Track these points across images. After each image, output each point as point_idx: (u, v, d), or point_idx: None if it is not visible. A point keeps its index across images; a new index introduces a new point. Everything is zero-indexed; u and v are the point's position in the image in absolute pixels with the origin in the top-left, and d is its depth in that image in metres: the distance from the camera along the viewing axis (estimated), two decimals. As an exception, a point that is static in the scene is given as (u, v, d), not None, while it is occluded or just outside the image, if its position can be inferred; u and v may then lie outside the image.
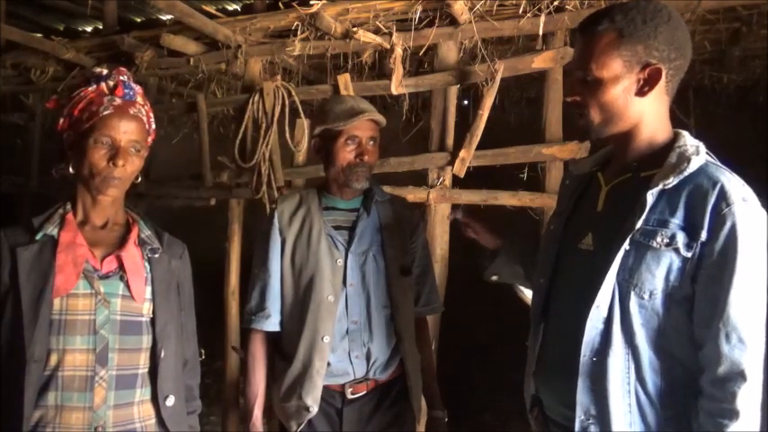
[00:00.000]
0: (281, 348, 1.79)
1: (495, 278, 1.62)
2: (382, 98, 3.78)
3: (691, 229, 1.10)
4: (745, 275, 1.06)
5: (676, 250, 1.10)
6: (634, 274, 1.13)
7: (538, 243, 2.52)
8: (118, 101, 1.35)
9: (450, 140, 2.76)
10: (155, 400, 1.39)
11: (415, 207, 2.17)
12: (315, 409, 1.68)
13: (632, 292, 1.13)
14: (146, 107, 1.42)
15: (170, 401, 1.41)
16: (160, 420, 1.40)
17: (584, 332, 1.16)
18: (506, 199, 2.66)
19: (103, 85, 1.36)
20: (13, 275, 1.28)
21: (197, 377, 1.57)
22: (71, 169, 1.37)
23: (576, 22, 2.46)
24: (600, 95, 1.18)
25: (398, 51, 2.73)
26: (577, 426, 1.17)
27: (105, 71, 1.39)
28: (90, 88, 1.35)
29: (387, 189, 1.92)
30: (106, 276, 1.35)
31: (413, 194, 2.69)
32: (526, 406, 1.40)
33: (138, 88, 1.41)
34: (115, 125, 1.33)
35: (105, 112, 1.33)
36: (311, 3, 2.85)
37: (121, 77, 1.38)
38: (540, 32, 2.53)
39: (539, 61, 2.58)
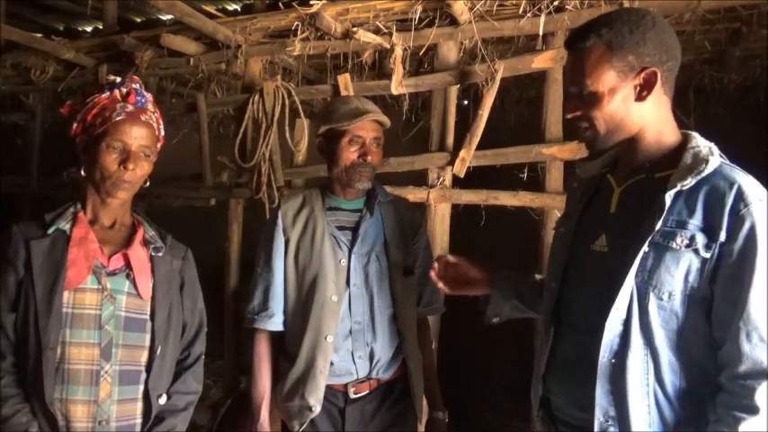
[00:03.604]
0: (284, 348, 1.79)
1: (496, 320, 1.59)
2: (382, 98, 3.78)
3: (709, 230, 1.10)
4: (765, 275, 1.06)
5: (696, 251, 1.10)
6: (653, 276, 1.13)
7: (528, 269, 2.50)
8: (130, 107, 1.40)
9: (450, 140, 2.76)
10: (146, 397, 1.41)
11: (416, 207, 2.17)
12: (318, 409, 1.68)
13: (651, 294, 1.13)
14: (156, 114, 1.47)
15: (162, 400, 1.43)
16: (152, 417, 1.42)
17: (602, 334, 1.16)
18: (506, 199, 2.66)
19: (116, 92, 1.41)
20: (27, 267, 1.33)
21: (199, 381, 1.56)
22: (82, 172, 1.43)
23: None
24: (600, 108, 1.18)
25: (398, 51, 2.74)
26: (597, 427, 1.17)
27: (119, 79, 1.44)
28: (103, 95, 1.40)
29: (387, 189, 1.92)
30: (113, 273, 1.40)
31: (413, 194, 2.69)
32: (533, 408, 1.39)
33: (149, 96, 1.46)
34: (127, 130, 1.38)
35: (118, 118, 1.38)
36: (311, 3, 2.85)
37: (134, 85, 1.43)
38: (540, 32, 2.53)
39: (539, 61, 2.58)
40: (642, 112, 1.19)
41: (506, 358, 4.21)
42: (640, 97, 1.18)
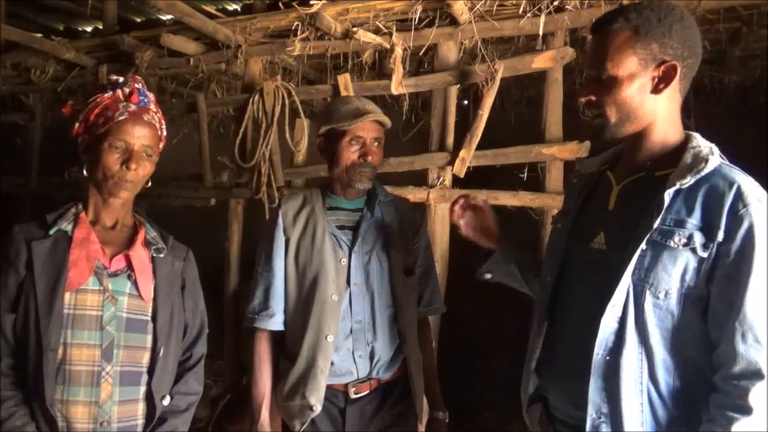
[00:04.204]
0: (285, 347, 1.79)
1: (488, 276, 1.59)
2: (382, 98, 3.78)
3: (707, 229, 1.11)
4: (762, 275, 1.06)
5: (693, 250, 1.11)
6: (650, 274, 1.13)
7: (536, 246, 2.49)
8: (133, 107, 1.40)
9: (450, 140, 2.76)
10: (149, 398, 1.41)
11: (416, 207, 2.17)
12: (318, 409, 1.68)
13: (648, 292, 1.14)
14: (158, 114, 1.47)
15: (166, 401, 1.43)
16: (155, 418, 1.42)
17: (597, 331, 1.16)
18: (506, 199, 2.66)
19: (119, 91, 1.41)
20: (28, 267, 1.33)
21: (200, 382, 1.56)
22: (84, 172, 1.42)
23: (576, 22, 2.47)
24: (616, 94, 1.18)
25: (398, 51, 2.74)
26: (589, 424, 1.17)
27: (122, 79, 1.44)
28: (106, 95, 1.40)
29: (387, 189, 1.92)
30: (115, 274, 1.39)
31: (413, 194, 2.70)
32: (522, 403, 1.39)
33: (151, 96, 1.46)
34: (129, 130, 1.38)
35: (120, 118, 1.37)
36: (311, 3, 2.85)
37: (137, 85, 1.43)
38: (540, 32, 2.53)
39: (539, 61, 2.58)
40: (655, 106, 1.19)
41: (506, 357, 4.21)
42: (657, 90, 1.18)
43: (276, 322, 1.75)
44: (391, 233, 1.80)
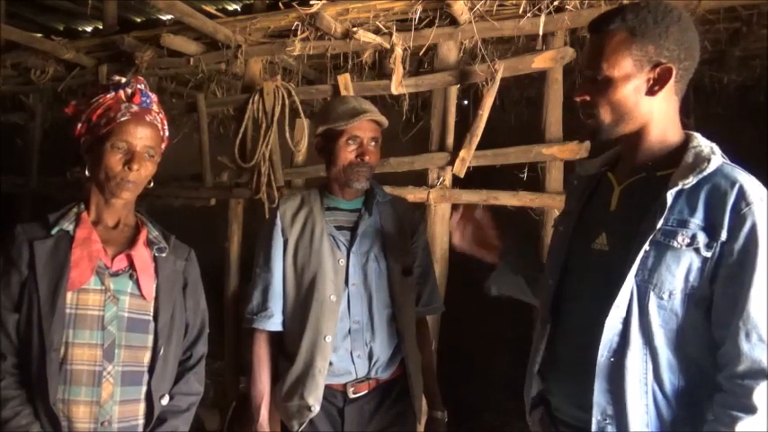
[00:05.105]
0: (284, 348, 1.79)
1: (494, 291, 1.58)
2: (382, 98, 3.78)
3: (710, 228, 1.10)
4: (765, 274, 1.06)
5: (697, 250, 1.10)
6: (653, 275, 1.13)
7: (538, 251, 2.48)
8: (135, 108, 1.40)
9: (450, 140, 2.76)
10: (150, 398, 1.41)
11: (416, 207, 2.17)
12: (317, 409, 1.68)
13: (652, 293, 1.13)
14: (161, 114, 1.47)
15: (165, 400, 1.43)
16: (154, 418, 1.42)
17: (601, 332, 1.16)
18: (506, 199, 2.66)
19: (122, 92, 1.41)
20: (31, 267, 1.33)
21: (201, 382, 1.56)
22: (86, 172, 1.43)
23: (576, 22, 2.47)
24: (610, 94, 1.18)
25: (398, 51, 2.74)
26: (594, 427, 1.17)
27: (124, 79, 1.44)
28: (109, 95, 1.40)
29: (387, 189, 1.92)
30: (116, 274, 1.40)
31: (413, 194, 2.70)
32: (526, 406, 1.39)
33: (153, 96, 1.46)
34: (132, 131, 1.38)
35: (123, 119, 1.38)
36: (311, 3, 2.85)
37: (139, 86, 1.43)
38: (540, 32, 2.53)
39: (539, 61, 2.58)
40: (651, 107, 1.19)
41: (506, 358, 4.21)
42: (651, 91, 1.18)
43: (275, 323, 1.76)
44: (389, 233, 1.80)
